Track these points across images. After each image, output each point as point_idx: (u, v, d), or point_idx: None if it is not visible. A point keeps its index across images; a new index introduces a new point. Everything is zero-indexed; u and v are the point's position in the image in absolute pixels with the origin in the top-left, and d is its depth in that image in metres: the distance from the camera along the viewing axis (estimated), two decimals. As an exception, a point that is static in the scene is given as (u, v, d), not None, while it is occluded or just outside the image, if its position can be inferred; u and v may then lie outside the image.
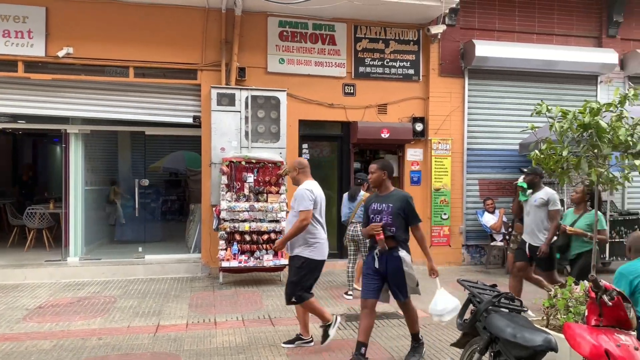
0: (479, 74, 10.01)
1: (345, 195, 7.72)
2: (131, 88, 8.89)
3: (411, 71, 9.83)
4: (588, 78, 10.49)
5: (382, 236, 4.53)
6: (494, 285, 4.01)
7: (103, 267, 8.58)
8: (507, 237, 9.18)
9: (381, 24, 9.68)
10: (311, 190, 5.09)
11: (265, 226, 8.14)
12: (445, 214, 9.77)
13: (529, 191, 6.48)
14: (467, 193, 10.03)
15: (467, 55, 9.75)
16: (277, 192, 8.35)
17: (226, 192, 8.21)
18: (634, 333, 2.90)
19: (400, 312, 6.54)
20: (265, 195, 8.32)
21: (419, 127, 9.70)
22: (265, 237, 8.16)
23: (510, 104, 10.19)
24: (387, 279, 4.68)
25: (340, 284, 8.18)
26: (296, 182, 5.32)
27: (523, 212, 6.66)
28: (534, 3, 10.29)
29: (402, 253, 4.58)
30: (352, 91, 9.59)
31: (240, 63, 8.97)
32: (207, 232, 8.82)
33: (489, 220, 9.47)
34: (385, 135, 9.35)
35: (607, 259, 8.85)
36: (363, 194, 7.40)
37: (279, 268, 8.24)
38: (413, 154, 9.88)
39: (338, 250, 9.77)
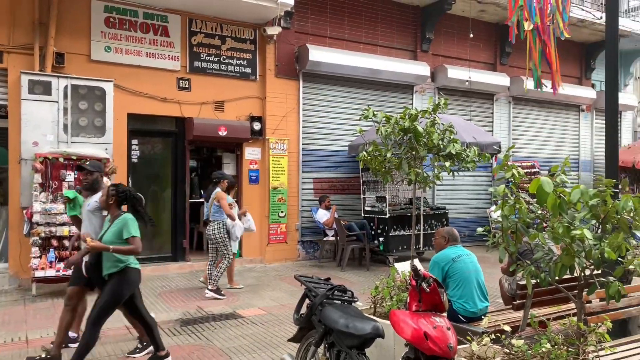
0: (313, 77, 10.44)
1: (204, 195, 7.74)
2: None
3: (248, 70, 9.84)
4: (406, 87, 11.66)
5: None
6: (328, 279, 4.19)
7: None
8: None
9: (217, 20, 9.50)
10: None
11: (88, 230, 7.38)
12: (282, 211, 9.99)
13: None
14: (302, 191, 10.40)
15: (302, 58, 10.10)
16: (103, 192, 7.63)
17: (40, 193, 7.26)
18: (445, 314, 3.28)
19: (239, 312, 6.50)
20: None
21: (256, 126, 9.75)
22: (89, 241, 7.39)
23: (341, 108, 10.83)
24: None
25: (174, 289, 7.82)
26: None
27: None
28: (361, 14, 11.10)
29: None
30: (187, 86, 9.24)
31: (58, 48, 8.01)
32: (15, 239, 7.69)
33: (322, 216, 9.94)
34: (222, 133, 9.21)
35: (421, 248, 9.93)
36: (215, 193, 7.31)
37: (106, 275, 7.55)
38: (251, 153, 9.90)
39: (172, 253, 9.34)
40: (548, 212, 2.99)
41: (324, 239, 10.06)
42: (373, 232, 9.87)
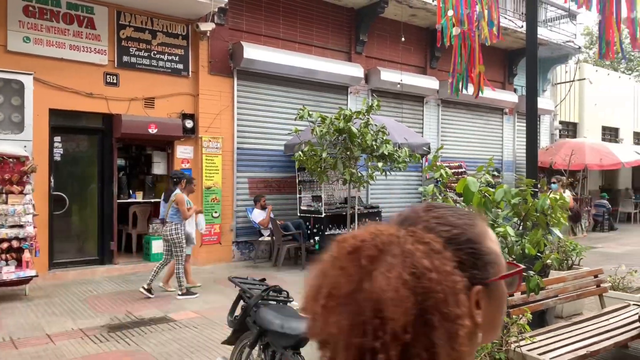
0: (248, 75, 10.33)
1: (163, 194, 7.54)
2: None
3: (180, 66, 9.56)
4: (340, 88, 11.81)
5: None
6: (263, 280, 4.15)
7: None
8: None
9: (148, 13, 9.16)
10: None
11: (4, 232, 6.88)
12: (216, 212, 9.80)
13: None
14: (237, 191, 10.26)
15: (236, 56, 9.96)
16: (21, 192, 7.13)
17: (-51, 193, 6.68)
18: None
19: (170, 316, 6.31)
20: (4, 196, 7.03)
21: (189, 124, 9.50)
22: (5, 245, 6.90)
23: (277, 107, 10.78)
24: None
25: (102, 293, 7.46)
26: None
27: None
28: (297, 14, 11.11)
29: None
30: (115, 81, 8.84)
31: (-31, 36, 7.41)
32: None
33: (257, 216, 9.85)
34: (153, 130, 8.89)
35: (355, 247, 10.09)
36: (175, 194, 7.16)
37: (24, 281, 7.08)
38: (183, 152, 9.63)
39: (99, 256, 8.91)
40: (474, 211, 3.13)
41: (259, 239, 9.98)
42: (309, 232, 9.91)
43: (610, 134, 20.79)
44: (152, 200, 9.88)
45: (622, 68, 33.41)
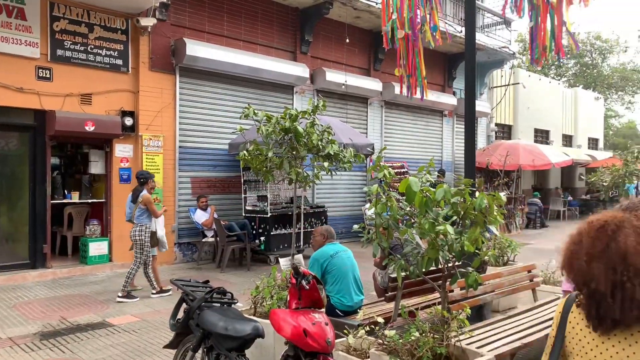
0: (191, 72, 10.10)
1: (130, 195, 7.31)
2: None
3: (119, 61, 9.21)
4: (286, 87, 11.79)
5: None
6: (207, 281, 4.08)
7: None
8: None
9: (84, 5, 8.76)
10: None
11: None
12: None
13: None
14: (179, 191, 10.01)
15: (178, 52, 9.71)
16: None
17: None
18: (323, 310, 3.37)
19: (109, 320, 6.09)
20: None
21: (128, 121, 9.16)
22: None
23: (221, 105, 10.61)
24: None
25: (33, 299, 7.06)
26: None
27: None
28: (241, 12, 10.98)
29: None
30: (48, 75, 8.39)
31: None
32: None
33: (200, 217, 9.65)
34: (90, 128, 8.51)
35: (302, 246, 10.09)
36: (142, 195, 7.01)
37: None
38: (122, 150, 9.28)
39: (30, 259, 8.43)
40: (416, 210, 3.21)
41: (203, 240, 9.79)
42: (254, 232, 9.83)
43: (542, 136, 21.97)
44: (90, 201, 9.47)
45: (552, 74, 35.41)
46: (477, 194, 3.13)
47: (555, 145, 21.76)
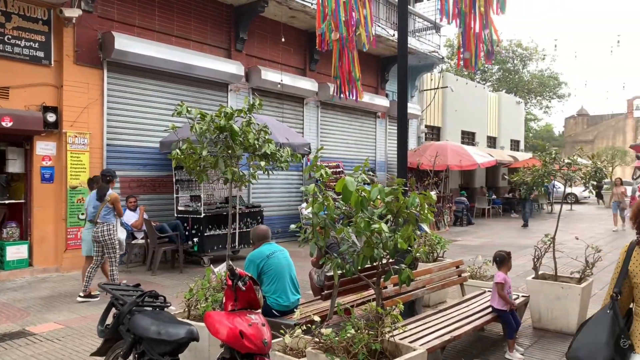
0: (120, 67, 9.68)
1: (93, 193, 7.09)
2: None
3: (41, 54, 8.66)
4: (220, 85, 11.59)
5: None
6: (137, 285, 3.94)
7: None
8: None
9: (1, -8, 8.17)
10: None
11: None
12: (82, 213, 9.03)
13: None
14: (107, 191, 9.55)
15: (106, 46, 9.28)
16: None
17: None
18: (260, 311, 3.35)
19: (29, 329, 5.74)
20: None
21: (51, 117, 8.63)
22: None
23: (152, 102, 10.25)
24: None
25: (-58, 308, 6.49)
26: None
27: None
28: (173, 6, 10.67)
29: None
30: (-42, 67, 7.74)
31: None
32: None
33: (129, 218, 9.28)
34: (7, 124, 7.94)
35: (237, 247, 9.98)
36: (110, 193, 6.93)
37: None
38: (44, 148, 8.74)
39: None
40: (352, 209, 3.27)
41: (132, 242, 9.42)
42: (187, 233, 9.59)
43: (468, 137, 23.04)
44: (7, 202, 8.83)
45: (478, 79, 37.25)
46: (409, 193, 3.23)
47: (481, 146, 22.89)
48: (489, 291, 5.83)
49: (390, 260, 3.48)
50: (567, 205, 27.38)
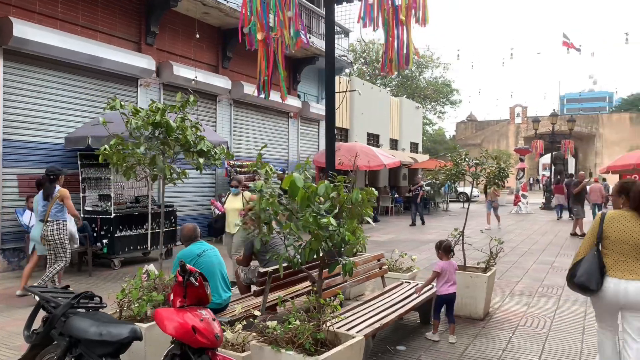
0: (18, 57, 8.91)
1: (40, 193, 6.84)
2: None
3: None
4: (130, 79, 11.09)
5: None
6: (67, 287, 3.76)
7: None
8: None
9: None
10: None
11: None
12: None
13: None
14: (4, 190, 8.77)
15: (3, 33, 8.51)
16: None
17: None
18: (208, 307, 3.36)
19: None
20: None
21: (-64, 108, 7.74)
22: None
23: (56, 95, 9.55)
24: None
25: None
26: None
27: None
28: (80, -6, 10.03)
29: None
30: None
31: None
32: None
33: (30, 219, 8.57)
34: None
35: (149, 248, 9.57)
36: (59, 189, 6.74)
37: None
38: None
39: None
40: (298, 205, 3.39)
41: (33, 244, 8.71)
42: (95, 234, 9.07)
43: (373, 139, 24.07)
44: None
45: (378, 83, 38.95)
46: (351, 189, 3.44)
47: (384, 147, 24.02)
48: (406, 282, 6.26)
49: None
50: (460, 204, 29.65)
